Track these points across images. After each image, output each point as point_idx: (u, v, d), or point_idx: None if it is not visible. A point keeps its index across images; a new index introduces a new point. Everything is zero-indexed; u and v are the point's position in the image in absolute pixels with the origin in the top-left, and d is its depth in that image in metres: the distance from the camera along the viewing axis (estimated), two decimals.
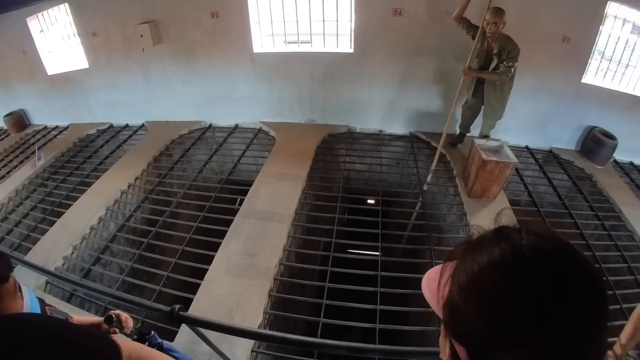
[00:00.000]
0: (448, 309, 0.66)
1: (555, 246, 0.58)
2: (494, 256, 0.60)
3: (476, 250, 0.63)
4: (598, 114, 5.99)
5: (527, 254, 0.57)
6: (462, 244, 0.69)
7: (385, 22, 5.72)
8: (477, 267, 0.61)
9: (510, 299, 0.55)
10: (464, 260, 0.64)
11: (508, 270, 0.57)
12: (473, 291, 0.60)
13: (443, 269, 0.70)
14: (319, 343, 1.92)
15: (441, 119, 6.00)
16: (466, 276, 0.62)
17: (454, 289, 0.64)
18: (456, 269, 0.65)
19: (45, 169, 6.93)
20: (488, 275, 0.59)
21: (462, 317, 0.62)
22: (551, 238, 0.59)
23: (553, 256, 0.57)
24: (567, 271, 0.56)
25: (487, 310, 0.57)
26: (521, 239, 0.59)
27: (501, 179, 4.85)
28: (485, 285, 0.59)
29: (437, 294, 0.70)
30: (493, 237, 0.64)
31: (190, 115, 7.52)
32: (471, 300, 0.60)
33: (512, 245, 0.59)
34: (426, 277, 0.77)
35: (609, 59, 5.82)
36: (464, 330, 0.62)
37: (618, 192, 5.58)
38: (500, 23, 4.55)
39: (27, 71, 7.81)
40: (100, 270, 4.73)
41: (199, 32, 6.43)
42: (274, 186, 5.46)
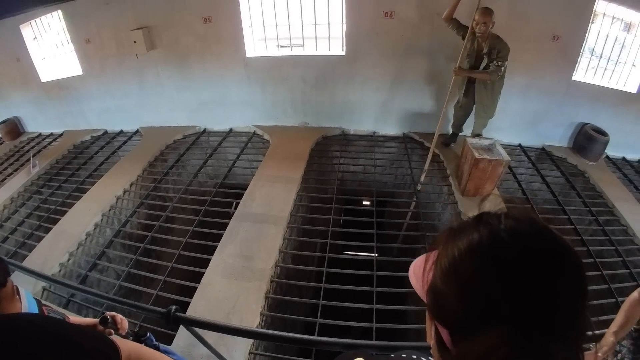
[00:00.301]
0: (431, 294, 0.67)
1: (533, 229, 0.60)
2: (473, 240, 0.61)
3: (457, 235, 0.65)
4: (589, 111, 6.05)
5: (504, 238, 0.59)
6: (445, 231, 0.71)
7: (376, 25, 5.76)
8: (457, 252, 0.62)
9: (488, 281, 0.57)
10: (446, 246, 0.66)
11: (486, 253, 0.59)
12: (454, 275, 0.62)
13: (427, 257, 0.72)
14: (314, 340, 1.94)
15: (434, 119, 6.03)
16: (447, 261, 0.64)
17: (437, 274, 0.66)
18: (439, 255, 0.67)
19: (40, 176, 6.92)
20: (467, 258, 0.61)
21: (444, 300, 0.64)
22: (529, 222, 0.61)
23: (530, 239, 0.59)
24: (543, 252, 0.57)
25: (467, 292, 0.59)
26: (500, 223, 0.61)
27: (494, 176, 4.88)
28: (465, 269, 0.61)
29: (422, 280, 0.71)
30: (473, 222, 0.65)
31: (184, 120, 7.54)
32: (452, 284, 0.62)
33: (490, 230, 0.61)
34: (412, 265, 0.79)
35: (599, 56, 5.87)
36: (446, 312, 0.64)
37: (611, 188, 5.63)
38: (489, 23, 4.60)
39: (21, 78, 7.80)
40: (97, 276, 4.74)
41: (192, 38, 6.45)
42: (269, 189, 5.48)
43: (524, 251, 0.57)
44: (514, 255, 0.57)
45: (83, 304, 4.37)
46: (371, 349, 1.90)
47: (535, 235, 0.59)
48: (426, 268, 0.71)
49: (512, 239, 0.58)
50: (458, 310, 0.60)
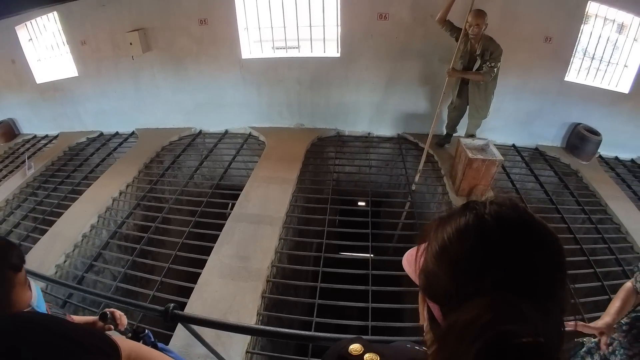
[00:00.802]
0: (423, 275, 0.74)
1: (515, 213, 0.66)
2: (460, 223, 0.68)
3: (446, 222, 0.72)
4: (582, 111, 6.11)
5: (488, 219, 0.66)
6: (433, 221, 0.77)
7: (370, 27, 5.81)
8: (446, 235, 0.69)
9: (474, 257, 0.64)
10: (436, 233, 0.73)
11: (472, 233, 0.66)
12: (443, 254, 0.69)
13: (418, 247, 0.79)
14: (310, 336, 1.97)
15: (428, 120, 6.06)
16: (437, 244, 0.70)
17: (428, 258, 0.73)
18: (429, 242, 0.74)
19: (35, 178, 6.91)
20: (455, 239, 0.67)
21: (434, 278, 0.70)
22: (512, 206, 0.68)
23: (511, 219, 0.65)
24: (522, 230, 0.64)
25: (455, 268, 0.66)
26: (485, 208, 0.68)
27: (488, 176, 4.93)
28: (453, 249, 0.67)
29: (415, 266, 0.78)
30: (461, 209, 0.72)
31: (180, 121, 7.55)
32: (442, 263, 0.69)
33: (476, 214, 0.68)
34: (405, 255, 0.87)
35: (592, 57, 5.93)
36: (437, 289, 0.70)
37: (604, 187, 5.69)
38: (482, 25, 4.65)
39: (16, 80, 7.79)
40: (93, 278, 4.74)
41: (188, 39, 6.48)
42: (265, 190, 5.50)
43: (505, 229, 0.64)
44: (496, 233, 0.64)
45: (80, 305, 4.36)
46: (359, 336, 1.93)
47: (516, 216, 0.66)
48: (417, 255, 0.78)
49: (495, 220, 0.65)
50: (447, 285, 0.67)
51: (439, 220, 0.75)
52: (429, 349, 0.73)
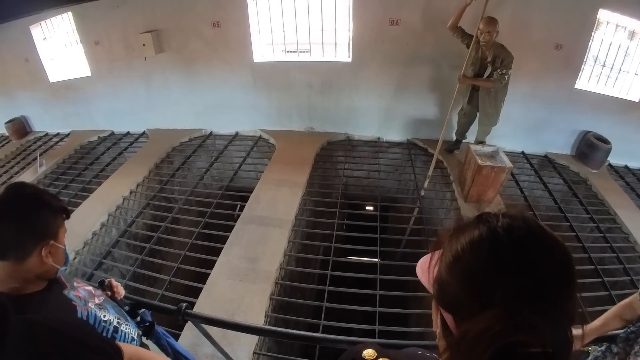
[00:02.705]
0: (437, 284, 0.77)
1: (526, 225, 0.69)
2: (473, 236, 0.71)
3: (460, 233, 0.74)
4: (592, 119, 6.08)
5: (500, 232, 0.68)
6: (447, 231, 0.80)
7: (382, 32, 5.83)
8: (460, 246, 0.72)
9: (486, 269, 0.66)
10: (450, 243, 0.76)
11: (485, 246, 0.68)
12: (457, 266, 0.72)
13: (432, 254, 0.83)
14: (319, 337, 2.00)
15: (437, 126, 6.09)
16: (451, 255, 0.73)
17: (442, 267, 0.76)
18: (443, 252, 0.77)
19: (46, 175, 6.99)
20: (469, 251, 0.70)
21: (448, 288, 0.73)
22: (523, 220, 0.70)
23: (522, 233, 0.68)
24: (533, 243, 0.67)
25: (468, 279, 0.69)
26: (497, 221, 0.70)
27: (497, 183, 4.94)
28: (466, 260, 0.70)
29: (428, 274, 0.81)
30: (474, 221, 0.75)
31: (191, 123, 7.60)
32: (455, 274, 0.71)
33: (489, 226, 0.70)
34: (419, 263, 0.90)
35: (602, 64, 5.91)
36: (450, 299, 0.73)
37: (613, 195, 5.66)
38: (493, 32, 4.66)
39: (29, 78, 7.88)
40: (102, 275, 4.76)
41: (200, 42, 6.52)
42: (274, 192, 5.53)
43: (516, 243, 0.66)
44: (507, 246, 0.66)
45: None
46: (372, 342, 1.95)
47: (527, 229, 0.68)
48: (431, 264, 0.81)
49: (507, 233, 0.67)
50: (461, 296, 0.70)
51: (452, 230, 0.78)
52: (441, 356, 0.76)
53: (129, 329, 1.77)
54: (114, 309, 1.77)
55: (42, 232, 1.40)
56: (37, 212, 1.40)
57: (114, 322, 1.66)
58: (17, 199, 1.39)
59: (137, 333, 1.87)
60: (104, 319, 1.61)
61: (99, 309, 1.63)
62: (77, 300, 1.55)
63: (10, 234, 1.34)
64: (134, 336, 1.78)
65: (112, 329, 1.63)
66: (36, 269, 1.39)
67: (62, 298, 1.50)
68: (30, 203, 1.40)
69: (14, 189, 1.41)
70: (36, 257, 1.38)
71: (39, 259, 1.38)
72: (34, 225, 1.38)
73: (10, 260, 1.35)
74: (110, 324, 1.63)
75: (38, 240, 1.38)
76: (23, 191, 1.43)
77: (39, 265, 1.39)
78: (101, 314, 1.62)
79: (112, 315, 1.70)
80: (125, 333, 1.71)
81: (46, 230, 1.41)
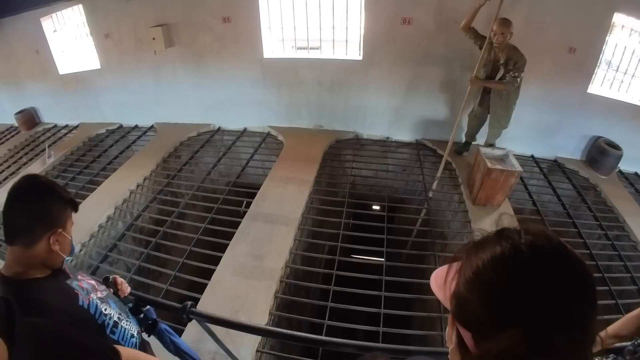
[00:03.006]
0: (455, 299, 0.75)
1: (549, 244, 0.67)
2: (496, 252, 0.69)
3: (480, 248, 0.72)
4: (603, 124, 6.01)
5: (524, 250, 0.66)
6: (466, 245, 0.78)
7: (394, 31, 5.79)
8: (481, 262, 0.70)
9: (508, 287, 0.64)
10: (469, 258, 0.73)
11: (508, 263, 0.66)
12: (477, 281, 0.69)
13: (449, 267, 0.80)
14: (326, 341, 1.98)
15: (447, 127, 6.06)
16: (471, 270, 0.71)
17: (461, 282, 0.73)
18: (462, 266, 0.75)
19: (54, 166, 7.02)
20: (490, 267, 0.68)
21: (467, 304, 0.71)
22: (545, 237, 0.68)
23: (546, 251, 0.66)
24: (556, 263, 0.65)
25: (489, 297, 0.67)
26: (520, 238, 0.68)
27: (506, 187, 4.90)
28: (487, 276, 0.68)
29: (445, 288, 0.79)
30: (495, 236, 0.73)
31: (199, 117, 7.60)
32: (475, 289, 0.69)
33: (512, 244, 0.68)
34: (434, 276, 0.86)
35: (616, 68, 5.84)
36: (469, 315, 0.71)
37: (622, 202, 5.59)
38: (507, 34, 4.61)
39: (39, 70, 7.92)
40: (107, 268, 4.77)
41: (210, 37, 6.52)
42: (282, 190, 5.52)
43: (540, 261, 0.64)
44: (531, 266, 0.64)
45: None
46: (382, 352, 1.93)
47: (550, 248, 0.67)
48: (448, 278, 0.78)
49: (530, 251, 0.65)
50: (481, 313, 0.68)
51: (472, 245, 0.76)
52: None
53: (129, 325, 1.79)
54: (116, 304, 1.79)
55: (52, 220, 1.48)
56: (48, 201, 1.49)
57: (114, 317, 1.68)
58: (31, 187, 1.49)
59: (138, 330, 1.88)
60: (105, 312, 1.63)
61: (100, 302, 1.65)
62: (80, 289, 1.60)
63: (21, 219, 1.45)
64: (133, 333, 1.79)
65: (112, 323, 1.65)
66: (42, 255, 1.47)
67: (64, 286, 1.57)
68: (43, 192, 1.50)
69: (28, 179, 1.50)
70: (44, 244, 1.45)
71: (46, 246, 1.46)
72: (44, 212, 1.47)
73: (18, 245, 1.44)
74: (111, 318, 1.66)
75: (47, 228, 1.46)
76: (37, 181, 1.53)
77: (45, 252, 1.47)
78: (102, 307, 1.64)
79: (114, 310, 1.72)
80: (125, 329, 1.73)
81: (55, 219, 1.50)
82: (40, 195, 1.49)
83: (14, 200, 1.45)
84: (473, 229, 4.87)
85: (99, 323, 1.58)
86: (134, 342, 1.77)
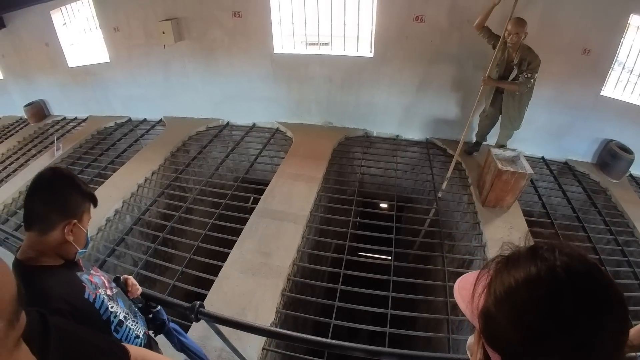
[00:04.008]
0: (484, 318, 0.72)
1: (585, 267, 0.65)
2: (530, 273, 0.66)
3: (513, 266, 0.69)
4: (615, 127, 5.94)
5: (561, 274, 0.63)
6: (497, 258, 0.75)
7: (406, 28, 5.75)
8: (514, 281, 0.67)
9: (544, 312, 0.62)
10: (501, 274, 0.70)
11: (543, 287, 0.64)
12: (510, 302, 0.67)
13: (477, 280, 0.77)
14: (338, 344, 1.96)
15: (458, 127, 6.02)
16: (503, 288, 0.68)
17: (490, 300, 0.70)
18: (492, 281, 0.72)
19: (63, 159, 7.04)
20: (525, 289, 0.65)
21: (497, 325, 0.68)
22: (580, 259, 0.66)
23: (582, 277, 0.64)
24: (594, 290, 0.63)
25: (522, 321, 0.65)
26: (555, 259, 0.66)
27: (516, 189, 4.85)
28: (521, 298, 0.65)
29: (472, 303, 0.76)
30: (529, 254, 0.69)
31: (208, 112, 7.60)
32: (507, 311, 0.67)
33: (548, 265, 0.65)
34: (458, 286, 0.84)
35: (630, 71, 5.76)
36: (499, 337, 0.69)
37: (632, 207, 5.52)
38: (521, 34, 4.54)
39: (49, 63, 7.96)
40: (114, 262, 4.78)
41: (220, 31, 6.50)
42: (290, 187, 5.50)
43: (577, 288, 0.62)
44: (569, 291, 0.62)
45: None
46: (392, 357, 1.91)
47: (587, 273, 0.64)
48: (476, 292, 0.75)
49: (567, 275, 0.63)
50: (512, 337, 0.65)
51: (502, 259, 0.74)
52: None
53: (136, 325, 1.79)
54: (124, 303, 1.80)
55: (68, 210, 1.52)
56: (67, 192, 1.54)
57: (120, 316, 1.68)
58: (53, 177, 1.54)
59: (144, 331, 1.87)
60: (112, 310, 1.64)
61: (108, 299, 1.66)
62: (88, 283, 1.61)
63: (39, 206, 1.49)
64: (138, 333, 1.79)
65: (116, 322, 1.65)
66: (55, 244, 1.50)
67: (73, 277, 1.58)
68: (63, 183, 1.55)
69: (51, 170, 1.57)
70: (58, 232, 1.49)
71: (60, 235, 1.49)
72: (61, 201, 1.52)
73: (34, 231, 1.47)
74: (116, 316, 1.66)
75: (63, 217, 1.50)
76: (59, 172, 1.58)
77: (59, 241, 1.50)
78: (110, 304, 1.65)
79: (121, 308, 1.72)
80: (130, 329, 1.73)
81: (72, 210, 1.54)
82: (60, 185, 1.53)
83: (35, 187, 1.49)
84: (482, 231, 4.84)
85: (104, 319, 1.59)
86: (139, 343, 1.77)
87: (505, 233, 4.71)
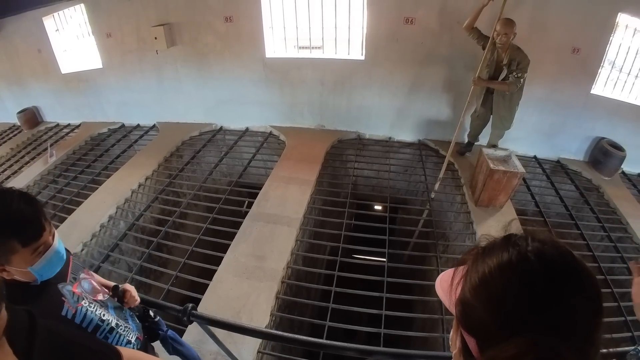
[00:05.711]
0: (460, 305, 0.74)
1: (557, 252, 0.66)
2: (503, 259, 0.68)
3: (487, 254, 0.72)
4: (607, 125, 5.98)
5: (531, 258, 0.65)
6: (472, 250, 0.78)
7: (396, 30, 5.77)
8: (487, 268, 0.69)
9: (515, 295, 0.64)
10: (476, 263, 0.73)
11: (515, 271, 0.66)
12: (483, 288, 0.69)
13: (455, 272, 0.79)
14: (330, 344, 1.97)
15: (450, 128, 6.05)
16: (477, 276, 0.70)
17: (466, 288, 0.72)
18: (468, 271, 0.74)
19: (56, 165, 7.02)
20: (497, 274, 0.67)
21: (473, 311, 0.70)
22: (553, 245, 0.68)
23: (554, 260, 0.65)
24: (564, 273, 0.64)
25: (495, 304, 0.66)
26: (527, 245, 0.68)
27: (508, 188, 4.87)
28: (494, 283, 0.67)
29: (450, 293, 0.78)
30: (503, 242, 0.72)
31: (201, 117, 7.59)
32: (481, 296, 0.69)
33: (519, 251, 0.67)
34: (439, 280, 0.86)
35: (619, 69, 5.81)
36: (474, 322, 0.70)
37: (625, 204, 5.56)
38: (510, 34, 4.58)
39: (42, 69, 7.94)
40: (109, 268, 4.77)
41: (213, 36, 6.51)
42: (283, 190, 5.51)
43: (548, 270, 0.64)
44: (539, 274, 0.64)
45: None
46: (384, 356, 1.92)
47: (559, 257, 0.66)
48: (454, 282, 0.78)
49: (538, 259, 0.65)
50: (486, 321, 0.67)
51: (478, 250, 0.76)
52: None
53: (127, 332, 1.75)
54: (114, 310, 1.74)
55: None
56: None
57: (111, 323, 1.64)
58: None
59: (137, 336, 1.83)
60: (103, 318, 1.60)
61: (99, 307, 1.61)
62: (69, 296, 1.50)
63: None
64: (130, 339, 1.75)
65: (107, 329, 1.61)
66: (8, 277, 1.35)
67: (52, 292, 1.46)
68: None
69: None
70: None
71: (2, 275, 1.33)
72: None
73: None
74: (108, 324, 1.61)
75: None
76: None
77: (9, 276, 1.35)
78: (100, 312, 1.60)
79: (112, 315, 1.68)
80: (121, 335, 1.69)
81: None
82: None
83: None
84: (475, 230, 4.87)
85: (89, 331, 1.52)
86: (130, 348, 1.74)
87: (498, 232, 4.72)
